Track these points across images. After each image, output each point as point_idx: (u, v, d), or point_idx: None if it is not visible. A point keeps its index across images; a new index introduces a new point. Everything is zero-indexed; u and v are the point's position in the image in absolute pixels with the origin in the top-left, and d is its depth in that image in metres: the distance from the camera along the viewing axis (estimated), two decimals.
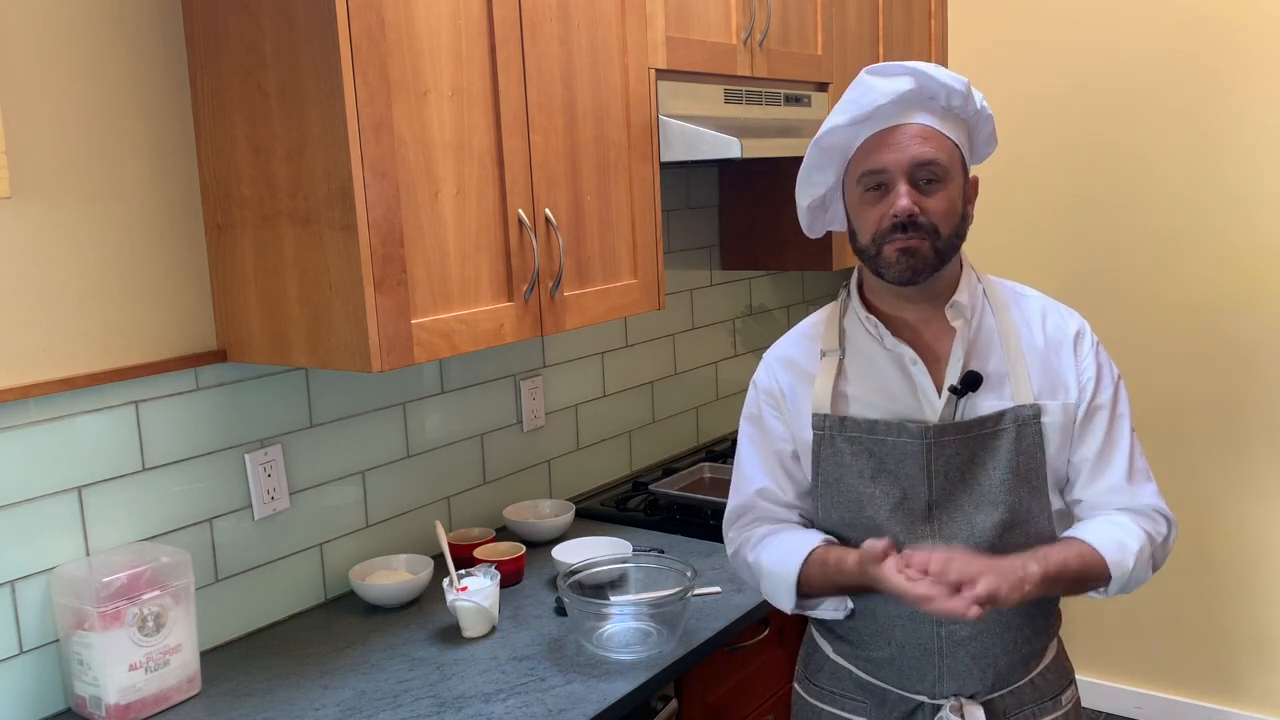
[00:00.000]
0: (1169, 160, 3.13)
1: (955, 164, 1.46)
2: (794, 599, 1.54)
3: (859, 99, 1.44)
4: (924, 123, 1.44)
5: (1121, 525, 1.49)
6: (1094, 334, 1.55)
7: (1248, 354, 3.10)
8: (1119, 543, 1.46)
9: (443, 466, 2.33)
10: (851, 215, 1.51)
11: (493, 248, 1.89)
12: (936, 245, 1.44)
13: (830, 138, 1.47)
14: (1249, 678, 3.24)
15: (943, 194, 1.44)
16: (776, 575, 1.55)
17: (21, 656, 1.66)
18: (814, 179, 1.53)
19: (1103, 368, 1.53)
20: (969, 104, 1.47)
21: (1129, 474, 1.52)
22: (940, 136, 1.44)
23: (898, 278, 1.45)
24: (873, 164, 1.44)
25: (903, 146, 1.42)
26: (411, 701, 1.70)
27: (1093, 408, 1.51)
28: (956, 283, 1.52)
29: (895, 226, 1.42)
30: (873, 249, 1.46)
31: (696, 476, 2.73)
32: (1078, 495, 1.54)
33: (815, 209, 1.58)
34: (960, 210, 1.47)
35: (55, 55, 1.65)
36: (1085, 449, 1.52)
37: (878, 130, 1.44)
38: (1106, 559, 1.44)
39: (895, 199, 1.42)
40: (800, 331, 1.63)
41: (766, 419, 1.61)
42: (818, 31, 2.73)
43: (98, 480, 1.74)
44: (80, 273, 1.70)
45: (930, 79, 1.43)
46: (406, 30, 1.70)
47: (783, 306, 3.44)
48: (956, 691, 1.53)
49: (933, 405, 1.49)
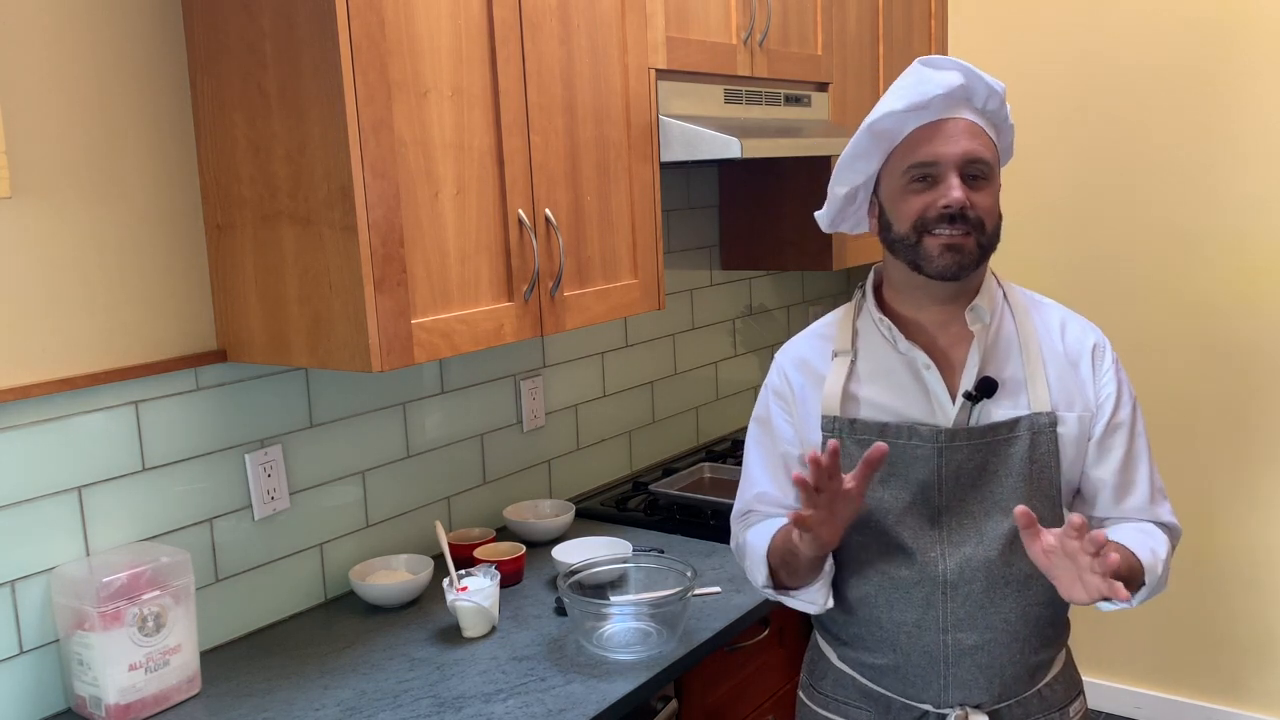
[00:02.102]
0: (1170, 160, 3.13)
1: (996, 164, 1.47)
2: (764, 572, 1.54)
3: (915, 86, 1.44)
4: (972, 119, 1.44)
5: (1150, 532, 1.49)
6: (1113, 350, 1.54)
7: (1251, 355, 3.09)
8: (1150, 549, 1.46)
9: (443, 466, 2.33)
10: (889, 205, 1.48)
11: (493, 248, 1.89)
12: (981, 241, 1.43)
13: (883, 123, 1.45)
14: (1250, 678, 3.24)
15: (989, 191, 1.44)
16: (753, 546, 1.57)
17: (21, 656, 1.66)
18: (857, 166, 1.51)
19: (1122, 384, 1.52)
20: (1002, 109, 1.48)
21: (1151, 494, 1.53)
22: (985, 135, 1.45)
23: (940, 272, 1.44)
24: (924, 155, 1.43)
25: (955, 139, 1.42)
26: (411, 702, 1.70)
27: (1113, 425, 1.50)
28: (979, 286, 1.52)
29: (943, 218, 1.41)
30: (912, 237, 1.44)
31: (696, 476, 2.73)
32: (1099, 514, 1.53)
33: (847, 198, 1.55)
34: (999, 210, 1.47)
35: (55, 55, 1.65)
36: (1105, 467, 1.51)
37: (928, 122, 1.44)
38: (1143, 563, 1.43)
39: (947, 190, 1.41)
40: (813, 331, 1.62)
41: (775, 421, 1.61)
42: (818, 31, 2.73)
43: (98, 480, 1.74)
44: (80, 273, 1.70)
45: (977, 78, 1.44)
46: (406, 30, 1.70)
47: (783, 306, 3.44)
48: (962, 701, 1.51)
49: (945, 410, 1.48)
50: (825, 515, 1.36)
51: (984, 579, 1.47)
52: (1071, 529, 1.25)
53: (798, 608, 1.57)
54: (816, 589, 1.53)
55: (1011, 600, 1.48)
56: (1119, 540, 1.45)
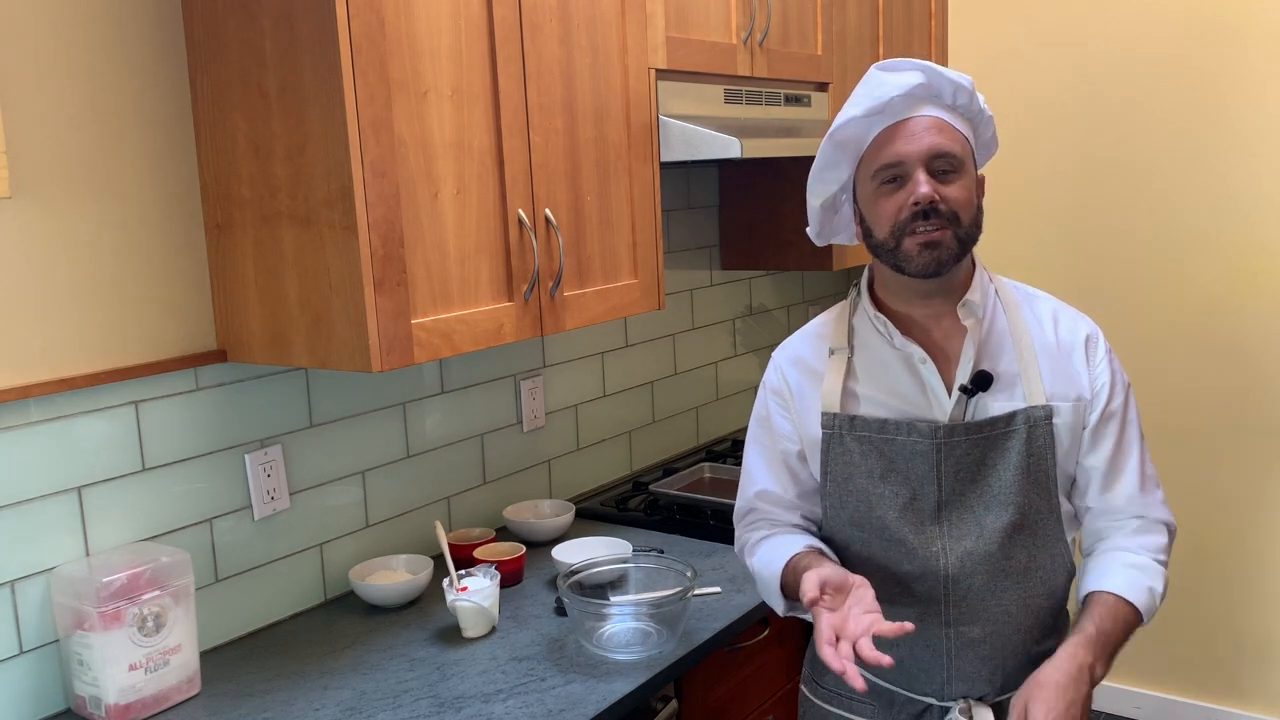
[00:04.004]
0: (1170, 160, 3.13)
1: (968, 156, 1.47)
2: (783, 602, 1.55)
3: (872, 91, 1.44)
4: (938, 115, 1.45)
5: (1144, 568, 1.49)
6: (1105, 339, 1.56)
7: (1250, 354, 3.10)
8: (1147, 588, 1.47)
9: (443, 466, 2.33)
10: (866, 211, 1.49)
11: (493, 248, 1.89)
12: (958, 234, 1.44)
13: (844, 131, 1.47)
14: (1249, 678, 3.24)
15: (960, 183, 1.44)
16: (765, 579, 1.57)
17: (21, 656, 1.66)
18: (826, 176, 1.52)
19: (1115, 374, 1.53)
20: (973, 103, 1.48)
21: (1141, 482, 1.53)
22: (952, 129, 1.45)
23: (921, 270, 1.44)
24: (889, 156, 1.43)
25: (918, 137, 1.42)
26: (411, 702, 1.69)
27: (1106, 414, 1.51)
28: (969, 281, 1.52)
29: (916, 215, 1.41)
30: (891, 242, 1.45)
31: (696, 476, 2.73)
32: (1089, 503, 1.54)
33: (826, 209, 1.56)
34: (976, 202, 1.47)
35: (55, 55, 1.65)
36: (1097, 456, 1.52)
37: (891, 123, 1.44)
38: (1140, 609, 1.46)
39: (915, 187, 1.41)
40: (810, 330, 1.63)
41: (774, 419, 1.61)
42: (818, 31, 2.73)
43: (98, 480, 1.74)
44: (80, 273, 1.70)
45: (939, 75, 1.44)
46: (406, 30, 1.70)
47: (783, 306, 3.44)
48: (965, 693, 1.53)
49: (942, 405, 1.49)
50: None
51: (985, 572, 1.49)
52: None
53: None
54: None
55: (1012, 592, 1.49)
56: (1109, 588, 1.46)
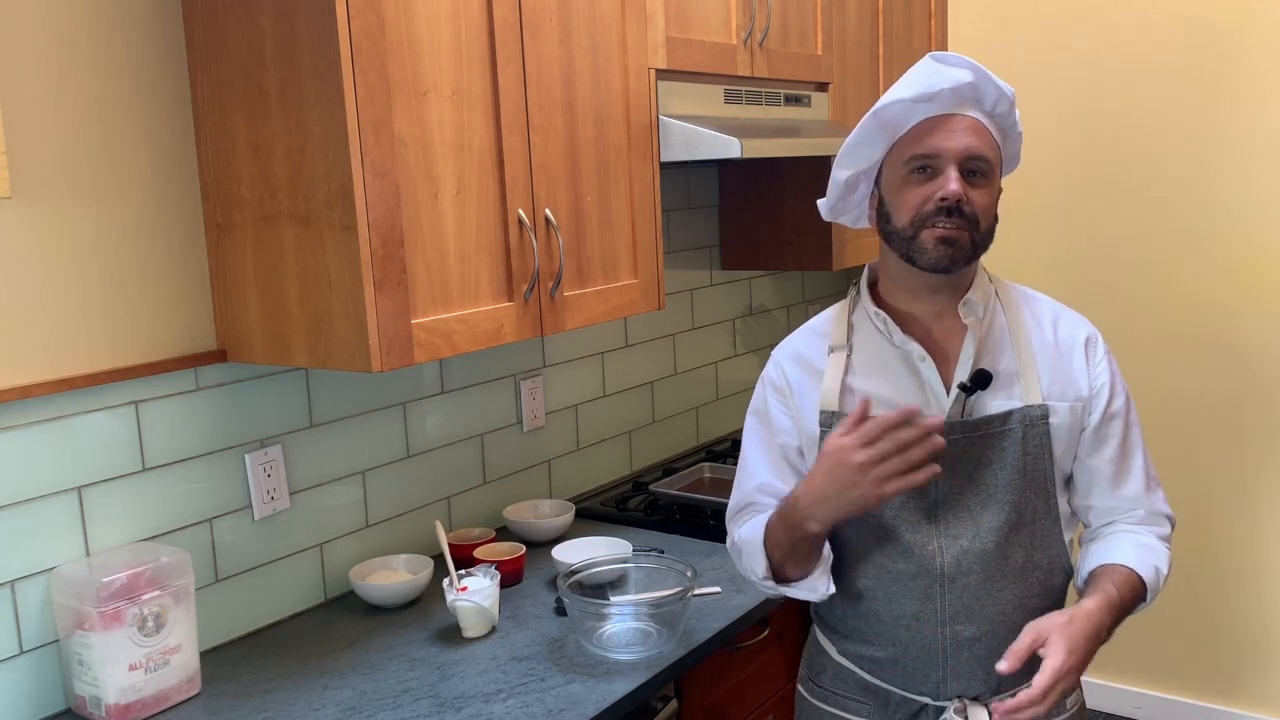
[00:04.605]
0: (1167, 162, 3.13)
1: (997, 165, 1.49)
2: (765, 562, 1.53)
3: (924, 79, 1.45)
4: (977, 119, 1.46)
5: (1153, 548, 1.52)
6: (1104, 342, 1.57)
7: (1248, 354, 3.10)
8: (1154, 567, 1.50)
9: (443, 466, 2.33)
10: (889, 196, 1.50)
11: (493, 248, 1.89)
12: (974, 237, 1.45)
13: (888, 111, 1.47)
14: (1249, 678, 3.24)
15: (986, 189, 1.46)
16: (748, 541, 1.56)
17: (21, 656, 1.66)
18: (859, 152, 1.52)
19: (1115, 375, 1.55)
20: (1011, 114, 1.50)
21: (1145, 483, 1.55)
22: (989, 135, 1.47)
23: (933, 264, 1.45)
24: (926, 147, 1.44)
25: (957, 135, 1.44)
26: (411, 702, 1.70)
27: (1108, 415, 1.53)
28: (971, 280, 1.54)
29: (940, 210, 1.43)
30: (909, 230, 1.46)
31: (696, 476, 2.73)
32: (1093, 502, 1.55)
33: (850, 185, 1.56)
34: (995, 211, 1.49)
35: (55, 55, 1.65)
36: (1101, 456, 1.53)
37: (933, 115, 1.45)
38: (1146, 581, 1.48)
39: (945, 182, 1.42)
40: (810, 328, 1.64)
41: (772, 413, 1.61)
42: (818, 31, 2.73)
43: (98, 480, 1.74)
44: (80, 272, 1.70)
45: (987, 78, 1.45)
46: (406, 30, 1.70)
47: (783, 306, 3.44)
48: (960, 693, 1.53)
49: (940, 403, 1.50)
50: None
51: (981, 571, 1.49)
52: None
53: (799, 596, 1.57)
54: (817, 576, 1.53)
55: (1009, 591, 1.50)
56: (1121, 561, 1.49)
